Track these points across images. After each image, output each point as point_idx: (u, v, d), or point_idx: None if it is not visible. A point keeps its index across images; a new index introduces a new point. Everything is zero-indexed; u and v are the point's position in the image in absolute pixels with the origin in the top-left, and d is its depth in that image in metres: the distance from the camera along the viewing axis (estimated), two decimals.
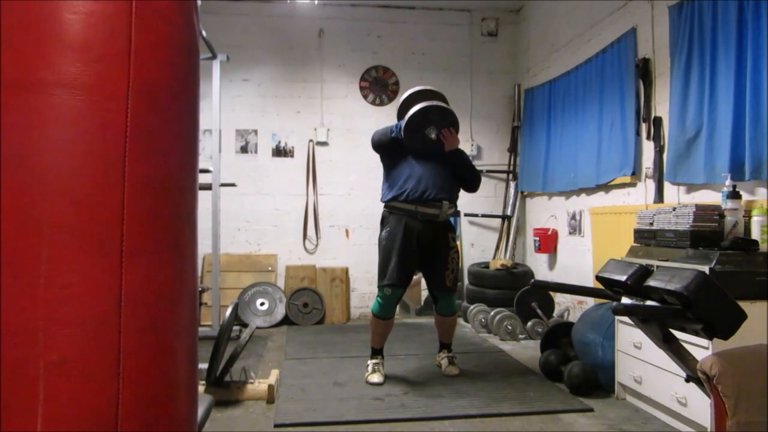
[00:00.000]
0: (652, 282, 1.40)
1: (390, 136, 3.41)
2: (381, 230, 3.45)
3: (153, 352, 1.15)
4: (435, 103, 3.33)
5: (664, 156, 3.50)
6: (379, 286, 3.38)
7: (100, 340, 1.07)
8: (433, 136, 3.32)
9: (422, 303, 5.55)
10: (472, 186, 3.59)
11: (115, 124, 1.10)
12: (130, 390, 1.09)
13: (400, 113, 3.50)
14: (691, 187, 3.30)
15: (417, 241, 3.34)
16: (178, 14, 1.23)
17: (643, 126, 3.74)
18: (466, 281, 5.46)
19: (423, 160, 3.38)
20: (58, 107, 1.07)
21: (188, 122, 1.28)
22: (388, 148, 3.45)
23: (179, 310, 1.23)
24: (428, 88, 3.53)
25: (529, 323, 4.48)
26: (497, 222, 5.83)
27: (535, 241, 5.18)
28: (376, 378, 3.34)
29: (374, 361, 3.45)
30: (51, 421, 1.03)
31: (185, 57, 1.25)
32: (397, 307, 3.51)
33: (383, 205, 3.48)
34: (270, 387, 3.00)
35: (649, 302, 1.48)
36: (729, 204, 2.68)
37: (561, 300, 4.91)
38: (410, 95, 3.48)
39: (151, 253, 1.15)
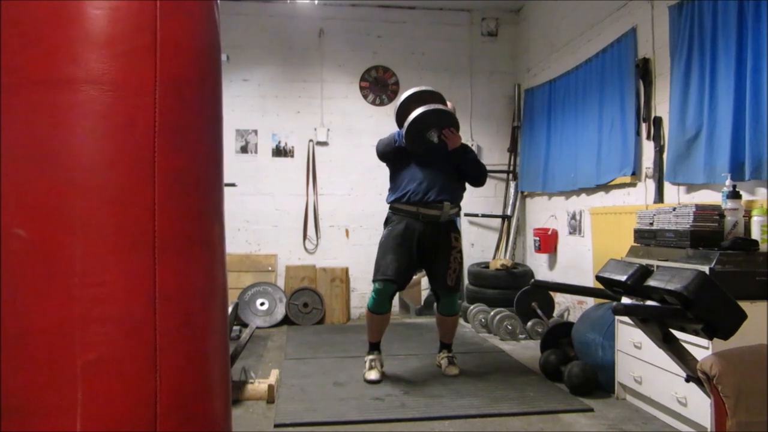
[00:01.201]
0: (652, 282, 1.40)
1: (394, 145, 3.42)
2: (385, 228, 3.49)
3: (188, 349, 1.13)
4: (432, 106, 3.31)
5: (664, 156, 3.50)
6: (372, 281, 3.41)
7: (136, 338, 1.06)
8: (435, 139, 3.32)
9: (422, 303, 5.55)
10: (479, 180, 3.58)
11: (144, 119, 1.09)
12: (167, 388, 1.08)
13: (398, 118, 3.49)
14: (691, 187, 3.30)
15: (418, 241, 3.36)
16: (201, 10, 1.22)
17: (643, 126, 3.74)
18: (466, 281, 5.46)
19: (425, 161, 3.39)
20: (86, 103, 1.06)
21: (213, 116, 1.27)
22: (393, 157, 3.46)
23: (212, 306, 1.21)
24: (424, 89, 3.49)
25: (529, 323, 4.47)
26: (497, 222, 5.83)
27: (535, 241, 5.18)
28: (373, 375, 3.35)
29: (371, 357, 3.46)
30: (90, 421, 1.02)
31: (208, 52, 1.24)
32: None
33: (388, 206, 3.50)
34: (270, 387, 3.00)
35: (649, 302, 1.48)
36: (729, 204, 2.68)
37: (561, 300, 4.91)
38: (406, 99, 3.46)
39: (183, 249, 1.13)
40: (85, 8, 1.07)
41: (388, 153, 3.46)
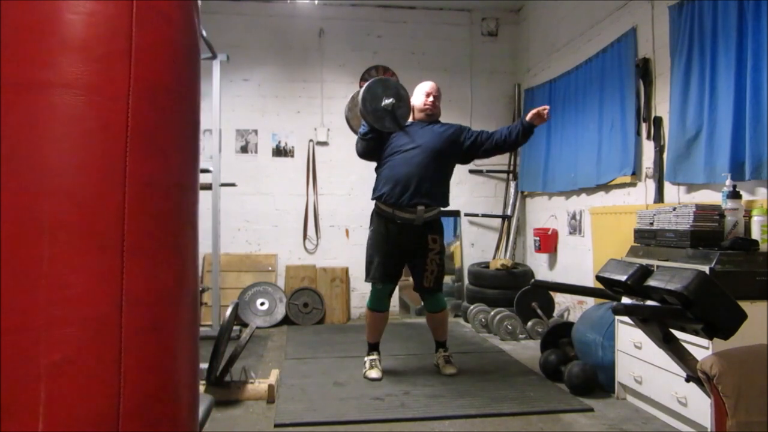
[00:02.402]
0: (652, 282, 1.40)
1: (367, 137, 3.40)
2: (370, 226, 3.54)
3: (154, 352, 1.14)
4: (370, 80, 3.43)
5: (664, 156, 3.50)
6: (365, 281, 3.52)
7: (101, 340, 1.07)
8: (390, 100, 3.36)
9: (422, 303, 5.54)
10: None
11: (116, 123, 1.10)
12: (131, 390, 1.09)
13: (353, 120, 3.61)
14: (691, 187, 3.30)
15: (397, 241, 3.39)
16: (179, 14, 1.22)
17: (643, 126, 3.74)
18: (466, 281, 5.46)
19: (406, 160, 3.33)
20: (59, 107, 1.06)
21: (189, 122, 1.28)
22: (373, 149, 3.43)
23: (180, 309, 1.22)
24: (355, 92, 3.57)
25: (529, 323, 4.48)
26: (497, 222, 5.83)
27: (535, 241, 5.18)
28: (374, 374, 3.37)
29: (371, 357, 3.48)
30: (52, 422, 1.02)
31: (186, 57, 1.25)
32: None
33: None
34: (270, 387, 3.00)
35: (649, 302, 1.48)
36: (729, 204, 2.68)
37: (561, 300, 4.91)
38: (351, 106, 3.59)
39: (152, 252, 1.14)
40: (61, 12, 1.07)
41: (366, 147, 3.44)
